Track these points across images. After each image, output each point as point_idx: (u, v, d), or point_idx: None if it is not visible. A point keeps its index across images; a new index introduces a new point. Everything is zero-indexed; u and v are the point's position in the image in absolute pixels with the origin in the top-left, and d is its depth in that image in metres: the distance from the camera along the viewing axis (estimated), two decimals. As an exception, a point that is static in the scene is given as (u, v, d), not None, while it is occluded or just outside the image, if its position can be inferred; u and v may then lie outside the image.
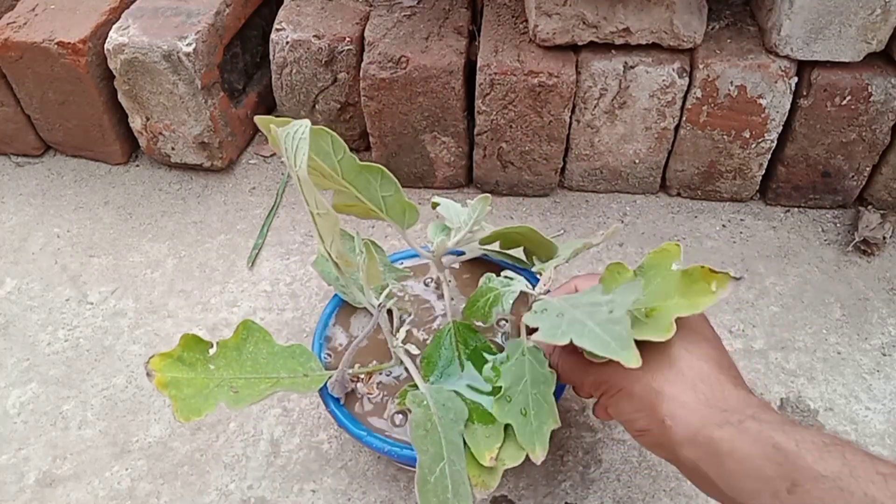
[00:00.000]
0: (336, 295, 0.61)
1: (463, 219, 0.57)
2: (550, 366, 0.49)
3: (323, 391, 0.54)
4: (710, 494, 0.39)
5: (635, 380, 0.41)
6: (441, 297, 0.61)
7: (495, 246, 0.63)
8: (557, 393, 0.54)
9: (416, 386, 0.53)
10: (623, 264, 0.46)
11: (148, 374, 0.48)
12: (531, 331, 0.45)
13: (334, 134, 0.45)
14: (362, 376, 0.56)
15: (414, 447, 0.47)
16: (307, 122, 0.41)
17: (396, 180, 0.50)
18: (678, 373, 0.40)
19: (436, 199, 0.59)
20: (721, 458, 0.36)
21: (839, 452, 0.32)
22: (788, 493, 0.33)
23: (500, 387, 0.49)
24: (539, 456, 0.46)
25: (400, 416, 0.54)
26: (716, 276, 0.40)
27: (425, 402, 0.50)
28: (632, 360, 0.36)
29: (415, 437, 0.47)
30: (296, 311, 0.75)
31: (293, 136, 0.41)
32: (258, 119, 0.45)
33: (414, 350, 0.53)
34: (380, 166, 0.48)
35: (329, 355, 0.58)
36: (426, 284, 0.63)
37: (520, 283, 0.54)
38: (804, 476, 0.32)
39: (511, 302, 0.54)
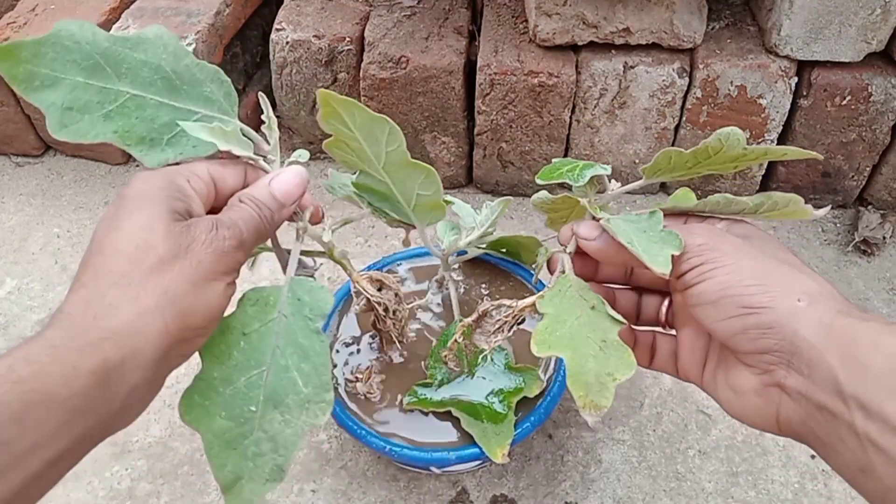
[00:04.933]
0: (336, 294, 0.61)
1: (480, 219, 0.57)
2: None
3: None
4: (816, 395, 0.32)
5: (763, 255, 0.35)
6: (439, 295, 0.61)
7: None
8: (552, 402, 0.54)
9: (424, 385, 0.53)
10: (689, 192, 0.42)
11: None
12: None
13: (394, 125, 0.42)
14: (361, 375, 0.56)
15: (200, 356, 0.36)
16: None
17: (440, 182, 0.47)
18: (808, 269, 0.35)
19: (448, 197, 0.59)
20: (858, 349, 0.31)
21: None
22: None
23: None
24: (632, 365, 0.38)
25: (402, 415, 0.54)
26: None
27: (272, 299, 0.38)
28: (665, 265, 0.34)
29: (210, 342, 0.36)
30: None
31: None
32: (321, 92, 0.42)
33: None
34: (427, 166, 0.44)
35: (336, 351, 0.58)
36: (435, 285, 0.63)
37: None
38: None
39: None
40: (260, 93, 0.45)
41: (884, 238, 0.80)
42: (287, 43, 0.82)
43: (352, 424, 0.52)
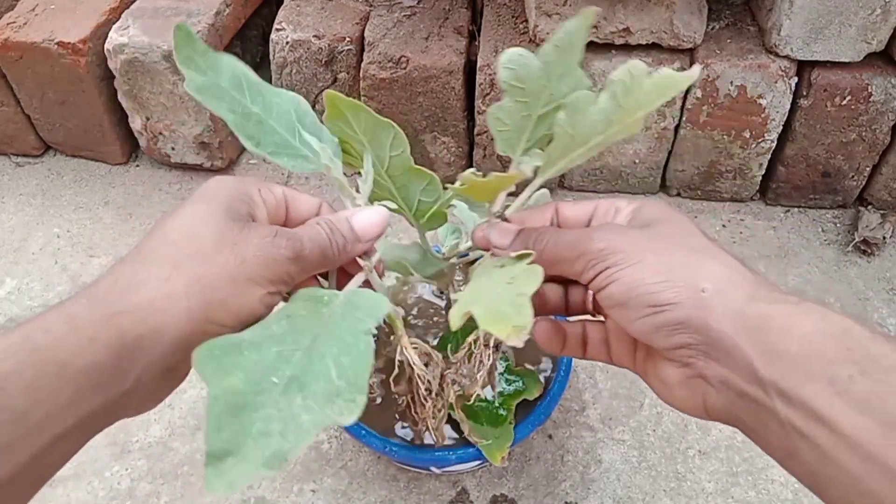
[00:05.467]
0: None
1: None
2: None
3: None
4: (737, 384, 0.32)
5: (665, 247, 0.34)
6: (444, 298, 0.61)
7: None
8: (552, 402, 0.54)
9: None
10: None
11: None
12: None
13: (399, 131, 0.42)
14: None
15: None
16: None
17: (442, 190, 0.47)
18: (716, 251, 0.34)
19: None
20: (772, 335, 0.30)
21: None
22: (851, 381, 0.28)
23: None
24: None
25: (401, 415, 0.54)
26: None
27: (326, 299, 0.36)
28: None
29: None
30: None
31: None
32: (328, 93, 0.41)
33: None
34: (431, 173, 0.43)
35: None
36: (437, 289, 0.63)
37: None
38: (876, 365, 0.28)
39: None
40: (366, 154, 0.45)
41: (884, 238, 0.80)
42: (287, 43, 0.82)
43: (352, 424, 0.52)
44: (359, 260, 0.39)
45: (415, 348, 0.44)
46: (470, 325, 0.49)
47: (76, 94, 0.85)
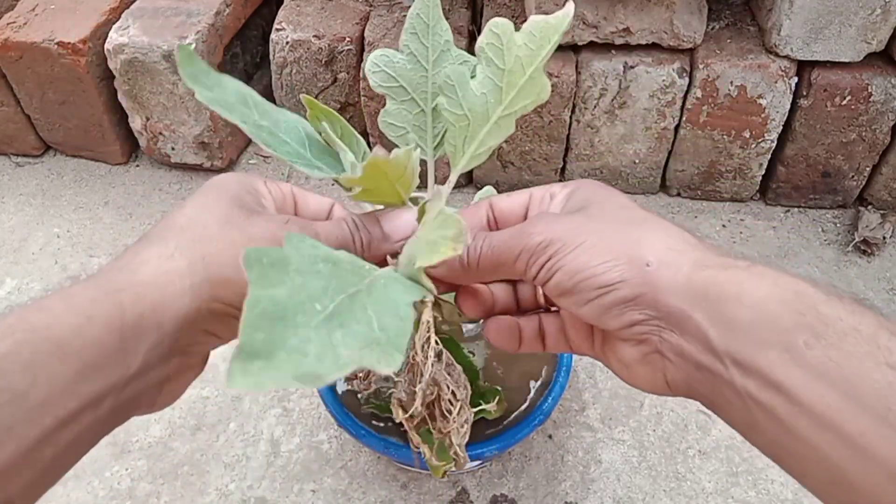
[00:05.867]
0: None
1: None
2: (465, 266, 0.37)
3: (322, 392, 0.54)
4: (693, 355, 0.31)
5: (604, 226, 0.33)
6: None
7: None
8: (552, 402, 0.54)
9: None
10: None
11: None
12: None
13: (370, 152, 0.41)
14: (361, 374, 0.56)
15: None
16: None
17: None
18: (657, 222, 0.34)
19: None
20: (723, 304, 0.29)
21: (872, 314, 0.27)
22: (806, 347, 0.27)
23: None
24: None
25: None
26: None
27: (367, 267, 0.33)
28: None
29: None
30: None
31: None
32: (305, 98, 0.41)
33: None
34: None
35: None
36: None
37: None
38: (831, 330, 0.27)
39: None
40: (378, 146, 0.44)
41: (884, 238, 0.80)
42: (287, 43, 0.82)
43: (352, 424, 0.52)
44: (389, 259, 0.37)
45: (435, 353, 0.39)
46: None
47: (76, 94, 0.85)
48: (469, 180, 0.89)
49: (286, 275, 0.29)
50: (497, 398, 0.50)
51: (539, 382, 0.56)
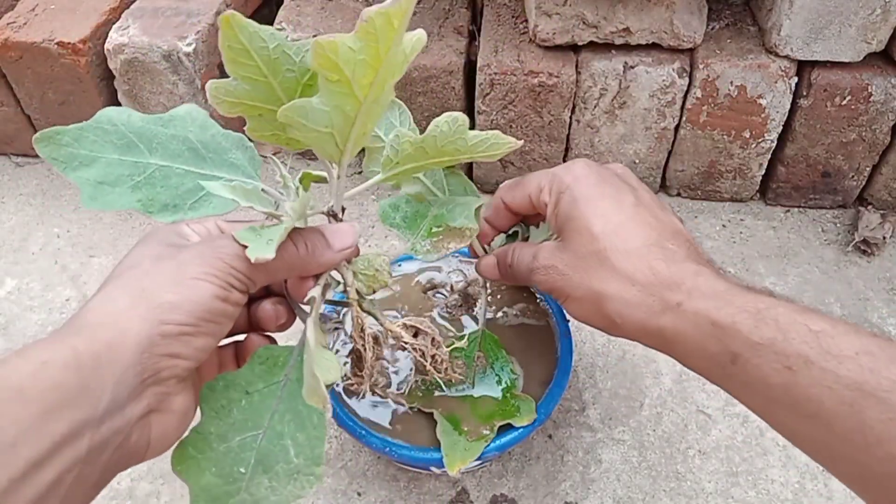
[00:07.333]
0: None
1: None
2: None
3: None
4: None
5: (576, 286, 0.41)
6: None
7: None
8: (552, 402, 0.54)
9: (429, 391, 0.53)
10: None
11: None
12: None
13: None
14: (349, 374, 0.56)
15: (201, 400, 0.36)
16: None
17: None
18: (611, 269, 0.40)
19: None
20: (671, 344, 0.38)
21: (773, 318, 0.34)
22: (732, 365, 0.35)
23: None
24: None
25: (401, 415, 0.54)
26: None
27: (281, 360, 0.38)
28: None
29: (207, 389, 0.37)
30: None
31: None
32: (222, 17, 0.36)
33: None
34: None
35: None
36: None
37: None
38: (742, 347, 0.34)
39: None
40: (272, 156, 0.45)
41: (884, 238, 0.80)
42: (287, 43, 0.82)
43: (352, 424, 0.52)
44: (310, 282, 0.40)
45: (402, 327, 0.46)
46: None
47: (76, 94, 0.85)
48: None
49: (210, 450, 0.35)
50: (530, 408, 0.52)
51: (539, 382, 0.56)
